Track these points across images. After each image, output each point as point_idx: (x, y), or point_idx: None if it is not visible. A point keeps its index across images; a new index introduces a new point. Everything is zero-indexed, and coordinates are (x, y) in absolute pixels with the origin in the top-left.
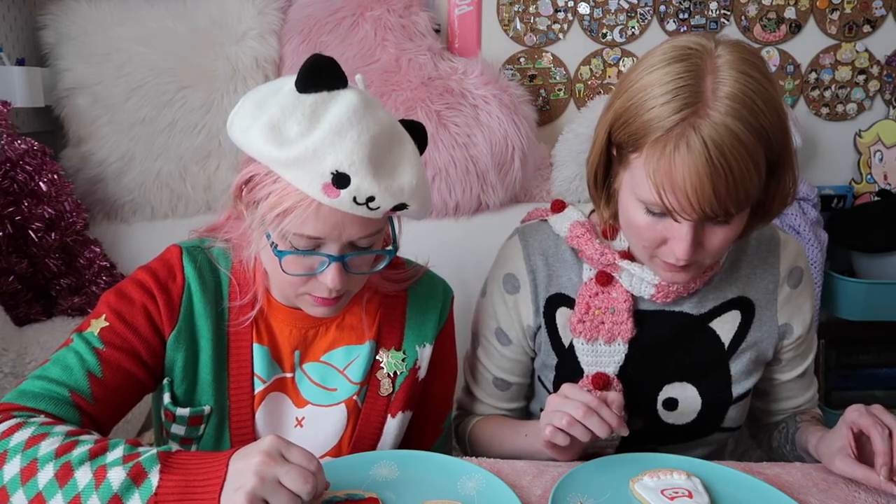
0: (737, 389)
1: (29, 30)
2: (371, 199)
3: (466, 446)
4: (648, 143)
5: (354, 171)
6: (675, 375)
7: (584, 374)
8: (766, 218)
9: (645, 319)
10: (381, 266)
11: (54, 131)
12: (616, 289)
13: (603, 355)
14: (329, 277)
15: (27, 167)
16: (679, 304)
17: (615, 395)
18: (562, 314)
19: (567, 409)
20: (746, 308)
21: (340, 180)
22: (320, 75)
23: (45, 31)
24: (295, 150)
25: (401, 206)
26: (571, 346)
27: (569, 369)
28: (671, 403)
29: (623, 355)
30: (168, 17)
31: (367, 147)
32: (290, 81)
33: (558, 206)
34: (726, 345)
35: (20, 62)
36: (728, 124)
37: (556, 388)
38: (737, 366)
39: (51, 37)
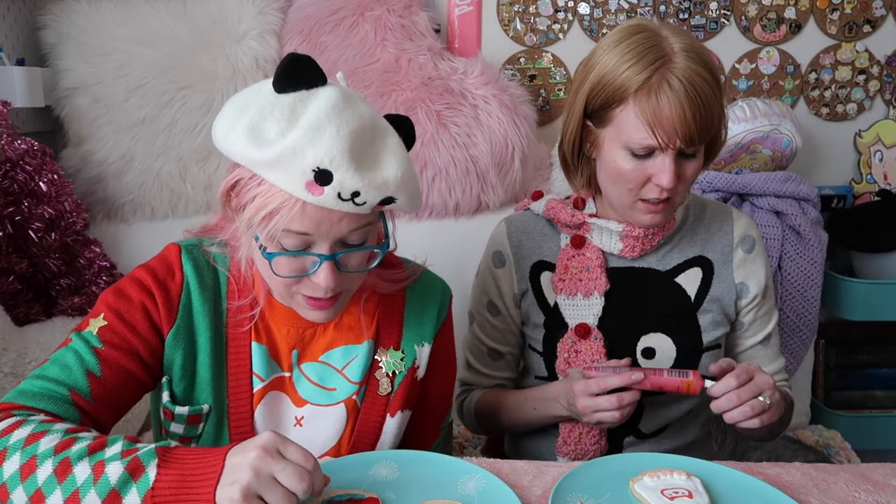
0: (707, 338)
1: (29, 30)
2: (356, 193)
3: (471, 418)
4: (632, 94)
5: (336, 166)
6: (651, 326)
7: (569, 328)
8: (707, 162)
9: (617, 276)
10: (374, 263)
11: (54, 131)
12: (589, 249)
13: (582, 308)
14: (322, 277)
15: (27, 167)
16: (646, 261)
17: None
18: (545, 277)
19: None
20: (706, 266)
21: (323, 177)
22: (297, 74)
23: (45, 31)
24: (275, 150)
25: (388, 200)
26: (556, 304)
27: (555, 325)
28: (649, 352)
29: (600, 307)
30: (168, 17)
31: (347, 141)
32: (269, 83)
33: (538, 195)
34: (692, 298)
35: (20, 62)
36: (692, 67)
37: (546, 345)
38: (704, 318)
39: (51, 37)
